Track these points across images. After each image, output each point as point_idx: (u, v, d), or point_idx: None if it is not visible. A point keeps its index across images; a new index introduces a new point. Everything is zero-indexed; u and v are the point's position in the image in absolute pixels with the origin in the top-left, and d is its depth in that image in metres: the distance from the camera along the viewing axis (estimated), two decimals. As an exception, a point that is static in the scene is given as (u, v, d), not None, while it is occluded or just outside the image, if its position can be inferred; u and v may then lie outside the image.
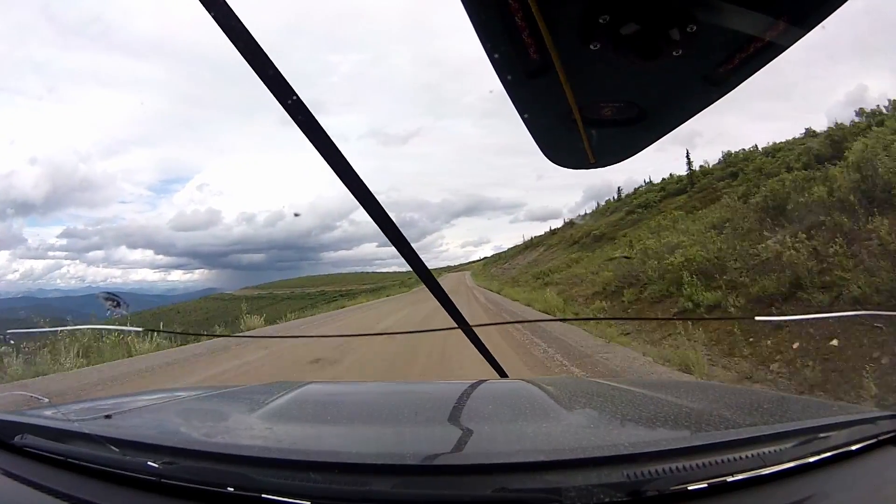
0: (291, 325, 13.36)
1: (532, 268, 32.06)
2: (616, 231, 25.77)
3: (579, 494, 0.52)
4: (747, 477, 0.58)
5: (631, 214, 28.14)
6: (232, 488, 0.58)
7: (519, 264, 41.90)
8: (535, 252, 42.63)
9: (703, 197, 21.44)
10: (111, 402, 1.26)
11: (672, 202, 25.49)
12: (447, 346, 5.83)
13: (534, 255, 41.29)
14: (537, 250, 42.51)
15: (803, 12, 0.60)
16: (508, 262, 51.09)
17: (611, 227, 27.73)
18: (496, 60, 0.66)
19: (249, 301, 18.14)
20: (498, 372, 1.35)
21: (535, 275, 25.13)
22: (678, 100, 0.79)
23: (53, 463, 0.72)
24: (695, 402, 1.05)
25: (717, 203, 14.66)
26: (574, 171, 0.99)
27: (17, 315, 54.61)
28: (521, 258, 45.28)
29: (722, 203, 12.50)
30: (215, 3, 0.69)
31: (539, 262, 34.58)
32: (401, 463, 0.62)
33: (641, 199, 30.43)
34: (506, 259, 57.47)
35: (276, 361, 6.48)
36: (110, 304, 1.57)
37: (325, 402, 1.20)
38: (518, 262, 43.85)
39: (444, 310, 1.14)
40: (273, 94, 0.77)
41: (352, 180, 0.89)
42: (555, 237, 40.69)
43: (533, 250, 44.80)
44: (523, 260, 43.22)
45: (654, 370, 4.71)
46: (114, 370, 6.09)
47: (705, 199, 20.15)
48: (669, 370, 4.62)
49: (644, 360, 5.13)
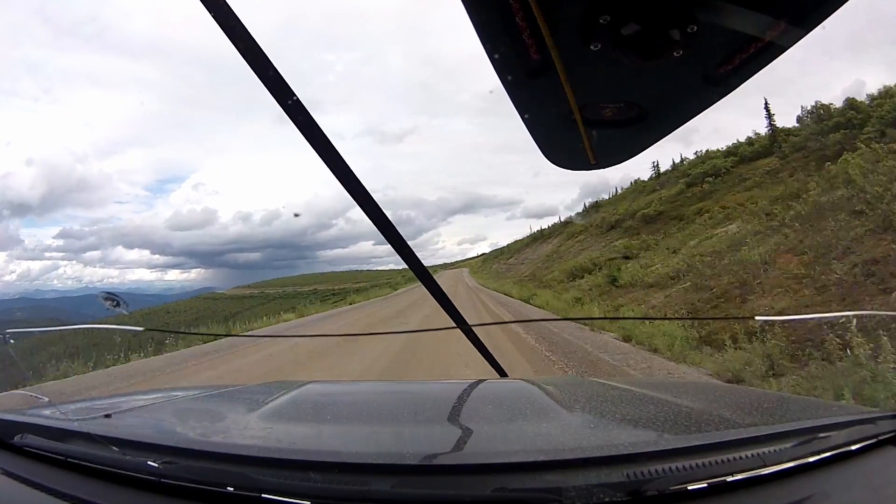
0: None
1: (555, 262, 27.87)
2: (681, 208, 21.90)
3: (579, 494, 0.52)
4: (747, 477, 0.58)
5: (694, 187, 23.30)
6: (232, 488, 0.58)
7: (529, 258, 37.82)
8: (546, 245, 37.22)
9: (805, 158, 17.34)
10: (111, 401, 1.26)
11: (753, 167, 21.00)
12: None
13: (546, 247, 36.04)
14: (549, 242, 37.24)
15: (803, 12, 0.60)
16: (514, 256, 46.84)
17: (669, 203, 23.65)
18: (496, 60, 0.66)
19: (240, 301, 17.89)
20: (498, 372, 1.35)
21: (568, 272, 20.68)
22: (679, 100, 0.79)
23: (53, 463, 0.72)
24: (695, 402, 1.05)
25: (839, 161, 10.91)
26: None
27: (14, 316, 54.00)
28: (530, 252, 40.51)
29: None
30: (216, 3, 0.69)
31: (562, 254, 29.56)
32: (400, 463, 0.62)
33: (706, 167, 24.69)
34: (509, 253, 53.06)
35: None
36: (110, 303, 1.58)
37: (324, 402, 1.20)
38: (527, 257, 40.02)
39: (443, 309, 1.14)
40: (272, 95, 0.77)
41: (349, 180, 0.89)
42: (572, 227, 34.52)
43: (544, 243, 39.65)
44: (533, 254, 38.37)
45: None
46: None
47: (811, 160, 16.34)
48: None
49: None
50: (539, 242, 41.97)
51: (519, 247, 51.59)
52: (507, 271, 37.18)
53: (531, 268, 31.73)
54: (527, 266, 34.19)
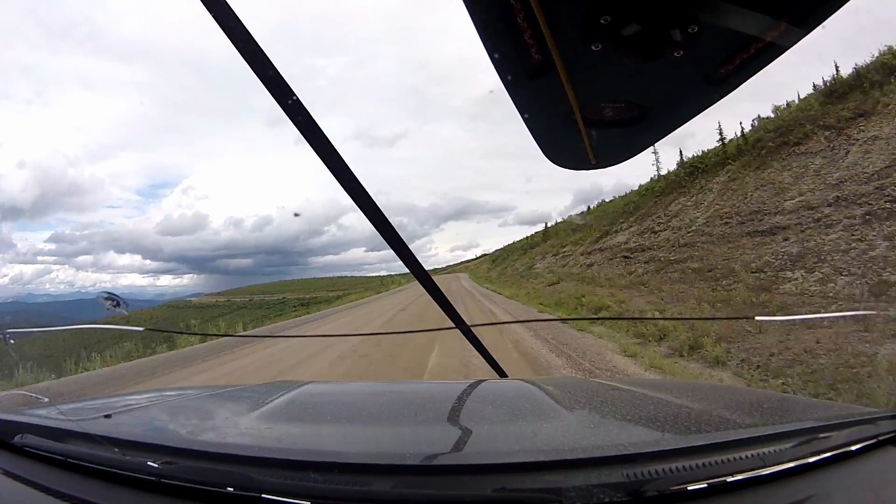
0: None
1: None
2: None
3: (579, 494, 0.52)
4: (747, 477, 0.58)
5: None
6: (232, 488, 0.58)
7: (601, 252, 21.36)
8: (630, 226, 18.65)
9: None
10: (111, 401, 1.26)
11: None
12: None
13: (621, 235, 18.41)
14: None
15: (804, 13, 0.60)
16: (547, 255, 27.28)
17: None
18: (497, 60, 0.66)
19: (203, 310, 17.11)
20: (497, 372, 1.35)
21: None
22: (679, 100, 0.79)
23: (53, 463, 0.72)
24: (695, 402, 1.05)
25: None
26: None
27: (5, 320, 53.36)
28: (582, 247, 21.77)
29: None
30: (216, 3, 0.69)
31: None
32: (401, 463, 0.62)
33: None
34: (528, 253, 34.30)
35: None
36: (110, 303, 1.59)
37: (325, 402, 1.20)
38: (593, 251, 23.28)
39: (442, 309, 1.14)
40: (272, 95, 0.77)
41: (348, 180, 0.89)
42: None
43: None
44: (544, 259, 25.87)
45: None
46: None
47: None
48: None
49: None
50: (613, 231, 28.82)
51: (523, 245, 41.24)
52: (526, 273, 26.42)
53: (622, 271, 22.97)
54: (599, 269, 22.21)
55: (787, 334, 5.30)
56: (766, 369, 4.56)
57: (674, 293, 10.21)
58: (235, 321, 17.95)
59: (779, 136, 12.61)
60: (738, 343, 5.45)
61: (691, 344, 5.58)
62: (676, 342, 5.82)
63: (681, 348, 5.62)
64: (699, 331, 5.84)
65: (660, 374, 4.76)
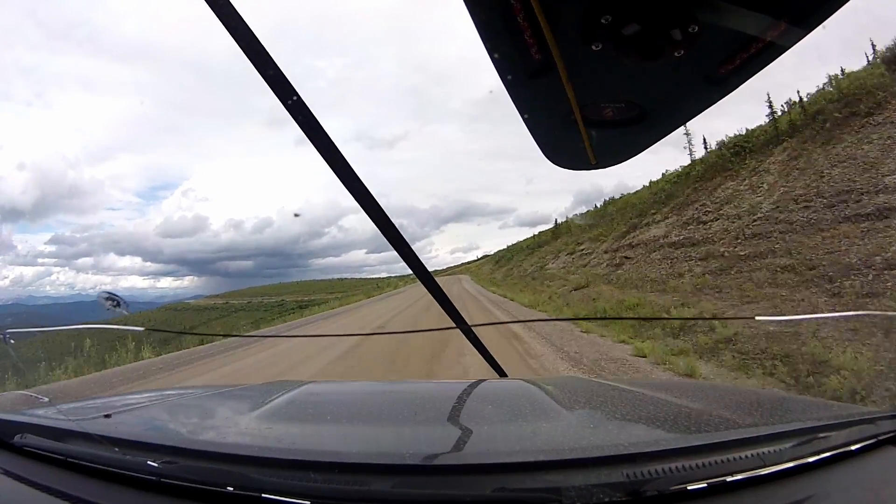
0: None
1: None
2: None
3: (579, 494, 0.52)
4: (747, 477, 0.58)
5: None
6: (232, 488, 0.58)
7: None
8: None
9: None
10: (111, 401, 1.26)
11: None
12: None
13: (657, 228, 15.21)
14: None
15: (804, 13, 0.60)
16: (561, 254, 23.28)
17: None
18: (497, 60, 0.66)
19: (201, 312, 16.82)
20: (497, 372, 1.35)
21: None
22: (679, 100, 0.79)
23: (53, 462, 0.72)
24: (695, 402, 1.05)
25: None
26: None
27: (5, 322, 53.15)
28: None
29: None
30: (218, 2, 0.70)
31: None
32: (401, 463, 0.62)
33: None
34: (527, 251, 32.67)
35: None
36: (110, 303, 1.59)
37: (325, 401, 1.20)
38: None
39: (443, 309, 1.14)
40: (275, 94, 0.77)
41: (351, 180, 0.89)
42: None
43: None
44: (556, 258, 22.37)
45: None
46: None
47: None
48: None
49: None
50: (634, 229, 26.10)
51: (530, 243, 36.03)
52: (537, 273, 23.50)
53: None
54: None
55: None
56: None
57: (776, 299, 7.21)
58: (231, 324, 17.81)
59: (845, 107, 10.85)
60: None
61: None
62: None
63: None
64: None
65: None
